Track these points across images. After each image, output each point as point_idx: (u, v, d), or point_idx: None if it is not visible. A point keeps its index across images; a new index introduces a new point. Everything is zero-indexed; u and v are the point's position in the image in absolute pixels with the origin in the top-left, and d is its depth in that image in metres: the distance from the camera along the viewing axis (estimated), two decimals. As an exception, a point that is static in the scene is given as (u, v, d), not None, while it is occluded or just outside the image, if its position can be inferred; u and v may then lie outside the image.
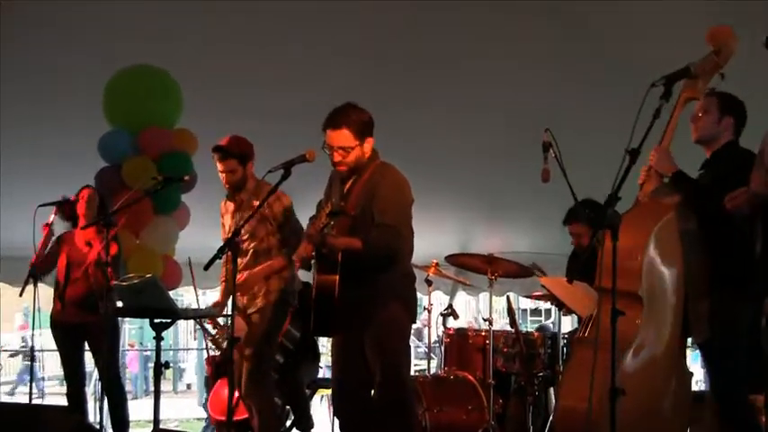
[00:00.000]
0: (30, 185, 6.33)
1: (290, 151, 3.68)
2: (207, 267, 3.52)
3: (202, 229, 6.10)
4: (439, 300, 8.64)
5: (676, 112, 3.66)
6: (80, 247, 5.27)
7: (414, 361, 10.74)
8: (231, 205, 4.62)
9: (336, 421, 3.99)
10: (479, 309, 13.02)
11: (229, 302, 4.14)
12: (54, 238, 5.31)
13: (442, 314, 5.84)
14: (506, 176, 7.68)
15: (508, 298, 5.86)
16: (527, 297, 7.41)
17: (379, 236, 3.63)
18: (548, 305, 9.13)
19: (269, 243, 4.53)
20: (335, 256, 3.61)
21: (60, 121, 6.70)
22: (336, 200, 3.82)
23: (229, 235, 4.31)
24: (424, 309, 5.88)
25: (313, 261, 3.76)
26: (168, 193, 5.59)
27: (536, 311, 18.12)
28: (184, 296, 13.05)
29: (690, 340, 3.82)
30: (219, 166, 4.51)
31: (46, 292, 5.41)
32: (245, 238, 4.45)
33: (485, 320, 5.31)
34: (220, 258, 3.59)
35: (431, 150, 7.43)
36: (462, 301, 13.12)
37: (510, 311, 5.56)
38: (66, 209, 5.27)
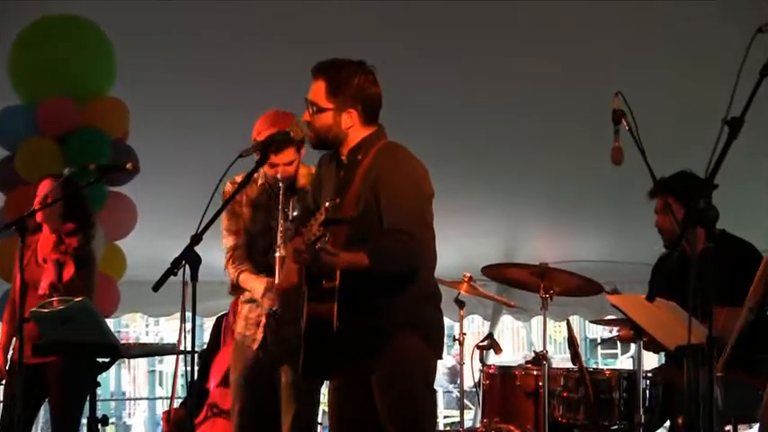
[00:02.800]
0: None
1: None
2: (157, 287, 3.52)
3: (146, 235, 6.15)
4: (475, 327, 8.63)
5: None
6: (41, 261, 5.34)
7: (442, 411, 10.76)
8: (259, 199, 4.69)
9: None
10: (530, 339, 13.02)
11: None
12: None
13: (479, 347, 5.85)
14: (565, 159, 7.73)
15: (569, 324, 5.86)
16: (596, 322, 7.41)
17: (391, 246, 3.62)
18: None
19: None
20: (331, 277, 3.61)
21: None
22: (329, 195, 3.79)
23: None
24: (455, 340, 5.89)
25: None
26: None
27: (608, 342, 18.04)
28: (129, 326, 13.12)
29: None
30: (274, 158, 4.48)
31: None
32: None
33: (537, 355, 5.31)
34: (175, 274, 3.59)
35: (460, 127, 7.46)
36: (507, 328, 13.12)
37: (572, 342, 5.54)
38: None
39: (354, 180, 3.76)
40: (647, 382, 5.38)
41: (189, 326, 3.75)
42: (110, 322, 7.47)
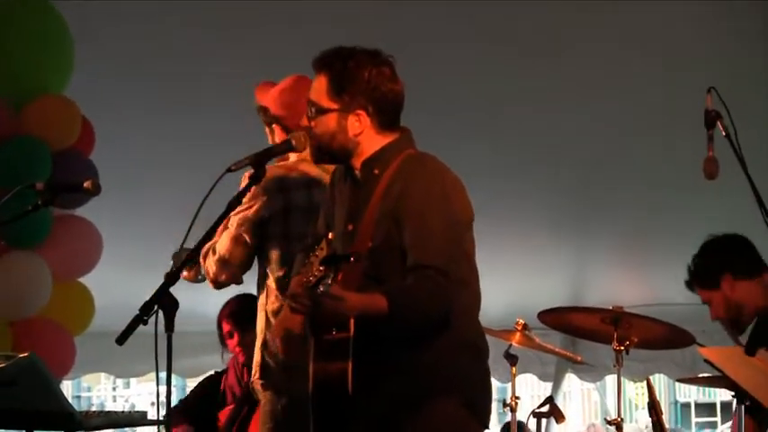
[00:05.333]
0: None
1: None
2: (122, 339, 3.50)
3: (109, 273, 6.22)
4: (531, 389, 8.64)
5: None
6: None
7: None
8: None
9: None
10: (604, 404, 12.97)
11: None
12: None
13: (536, 414, 5.91)
14: (645, 171, 7.79)
15: (650, 385, 5.85)
16: (685, 381, 7.38)
17: (417, 286, 3.62)
18: (725, 394, 9.07)
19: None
20: (343, 326, 3.59)
21: None
22: (339, 220, 3.84)
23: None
24: (505, 405, 5.90)
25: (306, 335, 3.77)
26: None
27: (705, 407, 17.92)
28: (92, 390, 13.14)
29: None
30: None
31: None
32: None
33: (610, 424, 5.33)
34: (145, 323, 3.60)
35: (510, 133, 7.55)
36: (573, 390, 13.07)
37: (654, 408, 5.58)
38: None
39: (371, 201, 3.73)
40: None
41: (164, 389, 3.67)
42: (66, 385, 7.51)
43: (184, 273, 4.83)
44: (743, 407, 5.18)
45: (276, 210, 4.62)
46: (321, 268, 3.50)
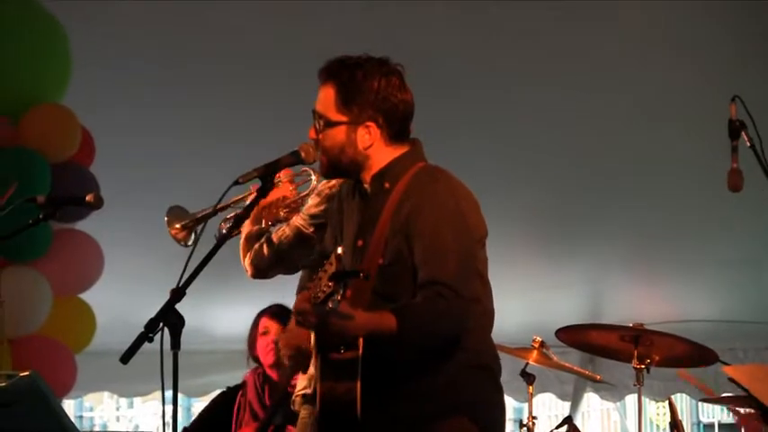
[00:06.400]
0: None
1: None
2: (126, 358, 3.49)
3: (112, 290, 6.18)
4: (549, 409, 8.59)
5: None
6: None
7: None
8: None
9: None
10: (624, 424, 12.97)
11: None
12: None
13: (553, 436, 5.89)
14: (667, 183, 7.74)
15: (672, 404, 5.81)
16: (709, 401, 7.37)
17: (427, 305, 3.57)
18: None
19: None
20: (352, 344, 3.55)
21: None
22: (348, 236, 3.79)
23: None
24: (522, 426, 5.89)
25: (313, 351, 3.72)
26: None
27: (729, 427, 17.87)
28: (95, 410, 13.16)
29: None
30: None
31: None
32: None
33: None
34: (150, 341, 3.58)
35: (522, 142, 7.53)
36: (593, 410, 13.07)
37: (676, 427, 5.50)
38: None
39: (382, 217, 3.71)
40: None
41: (170, 409, 3.61)
42: (68, 405, 7.47)
43: (176, 227, 4.92)
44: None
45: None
46: (330, 284, 3.49)
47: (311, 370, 4.63)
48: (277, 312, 6.09)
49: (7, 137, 6.22)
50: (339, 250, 3.52)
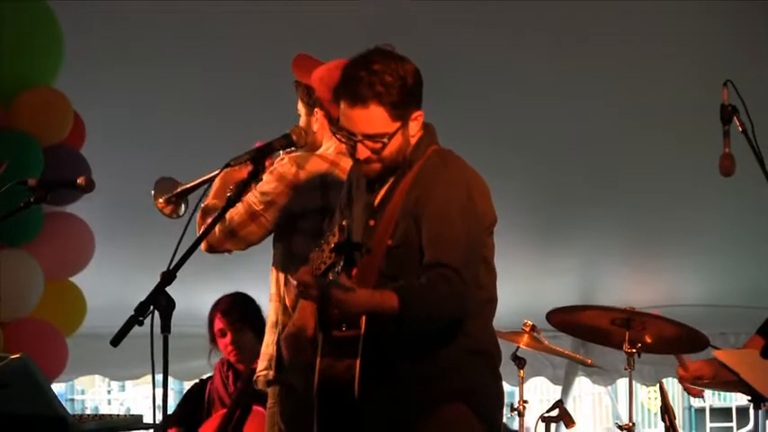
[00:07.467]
0: None
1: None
2: (117, 341, 3.50)
3: (103, 273, 6.18)
4: (541, 393, 8.61)
5: None
6: None
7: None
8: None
9: None
10: (615, 408, 12.97)
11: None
12: None
13: (545, 419, 5.91)
14: (658, 166, 7.78)
15: (663, 388, 5.83)
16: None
17: (430, 287, 3.56)
18: (741, 399, 9.07)
19: None
20: (354, 322, 3.57)
21: None
22: (359, 217, 3.82)
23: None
24: (513, 410, 5.93)
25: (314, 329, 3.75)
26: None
27: (721, 412, 17.90)
28: (86, 393, 13.12)
29: None
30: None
31: None
32: None
33: (621, 429, 5.32)
34: (141, 324, 3.59)
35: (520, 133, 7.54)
36: (584, 394, 13.07)
37: (667, 412, 5.55)
38: None
39: (394, 198, 3.73)
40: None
41: (161, 392, 3.66)
42: (59, 387, 7.49)
43: (161, 201, 4.93)
44: (761, 409, 5.18)
45: (312, 208, 4.58)
46: (332, 255, 3.48)
47: (266, 348, 4.66)
48: (227, 311, 6.12)
49: None
50: (344, 222, 3.56)
